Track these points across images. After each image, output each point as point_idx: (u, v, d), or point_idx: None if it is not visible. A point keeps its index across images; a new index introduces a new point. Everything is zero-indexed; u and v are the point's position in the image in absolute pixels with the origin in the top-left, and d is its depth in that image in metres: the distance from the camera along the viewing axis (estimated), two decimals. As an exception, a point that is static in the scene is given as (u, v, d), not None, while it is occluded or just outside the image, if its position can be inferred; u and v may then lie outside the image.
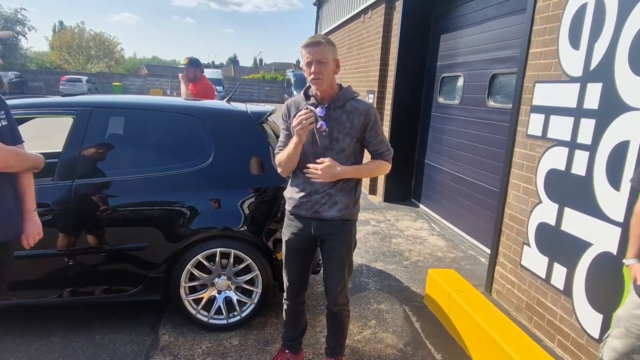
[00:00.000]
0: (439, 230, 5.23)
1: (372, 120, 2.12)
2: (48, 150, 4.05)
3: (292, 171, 2.20)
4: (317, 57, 1.98)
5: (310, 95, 2.15)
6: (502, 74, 4.31)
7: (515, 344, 2.43)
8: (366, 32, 7.48)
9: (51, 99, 3.13)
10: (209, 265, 2.77)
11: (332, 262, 2.23)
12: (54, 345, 2.65)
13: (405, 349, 2.81)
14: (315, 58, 1.98)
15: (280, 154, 2.18)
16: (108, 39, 52.19)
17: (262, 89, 37.86)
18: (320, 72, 2.00)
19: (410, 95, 6.15)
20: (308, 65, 2.01)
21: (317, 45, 1.99)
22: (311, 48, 1.99)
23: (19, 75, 29.86)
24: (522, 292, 3.11)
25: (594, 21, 2.55)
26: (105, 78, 34.70)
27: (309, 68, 2.01)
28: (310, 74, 2.01)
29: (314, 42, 2.00)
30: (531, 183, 3.04)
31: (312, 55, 1.98)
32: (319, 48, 1.99)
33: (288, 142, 2.16)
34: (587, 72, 2.59)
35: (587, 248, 2.53)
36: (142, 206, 2.72)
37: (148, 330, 2.86)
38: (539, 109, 2.99)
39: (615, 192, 2.35)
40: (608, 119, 2.41)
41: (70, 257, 2.65)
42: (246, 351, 2.68)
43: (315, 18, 12.81)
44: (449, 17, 5.50)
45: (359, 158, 2.19)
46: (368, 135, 2.13)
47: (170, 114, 2.98)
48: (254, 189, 2.82)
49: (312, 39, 2.02)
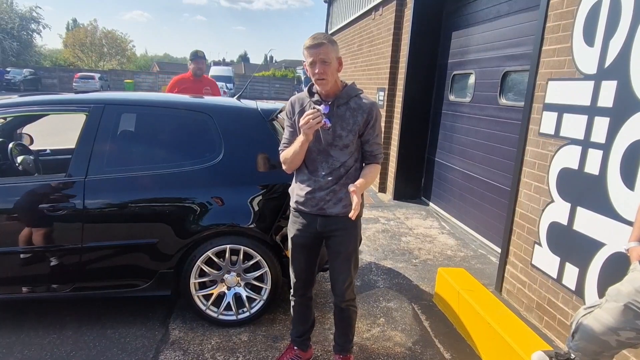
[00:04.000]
0: (449, 229, 5.20)
1: (374, 118, 2.14)
2: (61, 147, 4.13)
3: (297, 168, 2.20)
4: (321, 57, 1.98)
5: (314, 92, 2.15)
6: (515, 71, 4.26)
7: (526, 344, 2.41)
8: (377, 29, 7.45)
9: (64, 96, 3.17)
10: (218, 261, 2.78)
11: (339, 258, 2.23)
12: (66, 339, 2.69)
13: (414, 348, 2.80)
14: (319, 58, 1.98)
15: (286, 151, 2.18)
16: (120, 36, 52.71)
17: (272, 86, 37.95)
18: (325, 72, 2.00)
19: (421, 92, 6.11)
20: (312, 65, 2.01)
21: (320, 45, 1.99)
22: (314, 49, 1.98)
23: (33, 72, 30.34)
24: (533, 291, 3.08)
25: (610, 17, 2.51)
26: (117, 75, 35.05)
27: (313, 68, 2.00)
28: (315, 75, 2.01)
29: (316, 43, 1.99)
30: (543, 182, 3.00)
31: (315, 56, 1.98)
32: (322, 49, 1.98)
33: (292, 139, 2.16)
34: (601, 70, 2.55)
35: (600, 248, 2.49)
36: (153, 202, 2.75)
37: (158, 325, 2.89)
38: (551, 107, 2.96)
39: (630, 192, 2.31)
40: (623, 117, 2.37)
41: (82, 252, 2.68)
42: (255, 347, 2.70)
43: (326, 15, 12.78)
44: (461, 14, 5.45)
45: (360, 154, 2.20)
46: (367, 132, 2.14)
47: (181, 110, 3.00)
48: (264, 185, 2.83)
49: (314, 39, 2.00)
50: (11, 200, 2.64)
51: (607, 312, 1.74)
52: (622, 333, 1.69)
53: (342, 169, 2.14)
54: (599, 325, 1.76)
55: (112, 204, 2.72)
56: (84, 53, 49.34)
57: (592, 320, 1.80)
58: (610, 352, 1.79)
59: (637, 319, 1.66)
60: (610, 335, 1.72)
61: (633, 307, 1.65)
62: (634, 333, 1.67)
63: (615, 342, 1.72)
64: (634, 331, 1.67)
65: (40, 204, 2.64)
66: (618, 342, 1.72)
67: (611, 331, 1.72)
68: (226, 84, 28.40)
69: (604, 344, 1.76)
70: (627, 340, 1.70)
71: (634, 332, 1.67)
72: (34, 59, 39.99)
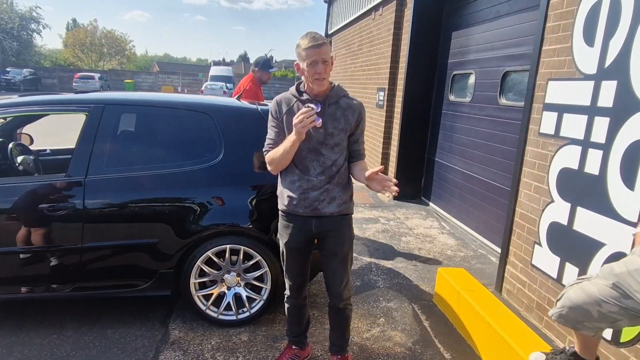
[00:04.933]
0: (449, 229, 5.20)
1: (363, 118, 2.20)
2: (61, 147, 4.13)
3: (283, 169, 2.18)
4: (322, 57, 2.00)
5: (302, 91, 2.15)
6: (515, 71, 4.26)
7: (526, 344, 2.41)
8: (377, 29, 7.45)
9: (64, 96, 3.17)
10: (218, 261, 2.78)
11: (335, 258, 2.22)
12: (66, 339, 2.69)
13: (414, 348, 2.80)
14: (321, 58, 1.99)
15: (273, 151, 2.15)
16: (120, 36, 52.71)
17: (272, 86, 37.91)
18: (326, 72, 2.02)
19: (421, 92, 6.11)
20: (313, 64, 2.00)
21: (322, 45, 2.00)
22: (316, 49, 1.99)
23: (33, 72, 30.35)
24: (533, 291, 3.08)
25: (610, 17, 2.51)
26: (117, 75, 35.07)
27: (314, 68, 2.00)
28: (316, 74, 2.01)
29: (319, 43, 2.00)
30: (543, 182, 3.00)
31: (317, 56, 1.99)
32: (323, 48, 2.00)
33: (279, 139, 2.15)
34: (601, 70, 2.55)
35: (600, 248, 2.49)
36: (153, 202, 2.75)
37: (158, 325, 2.89)
38: (551, 107, 2.96)
39: (630, 192, 2.31)
40: (623, 117, 2.37)
41: (82, 252, 2.68)
42: (255, 347, 2.70)
43: (326, 15, 12.79)
44: (461, 14, 5.45)
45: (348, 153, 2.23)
46: (357, 132, 2.19)
47: (181, 110, 3.00)
48: (264, 185, 2.83)
49: (315, 39, 2.00)
50: (11, 200, 2.64)
51: (594, 285, 1.75)
52: (605, 305, 1.70)
53: (333, 168, 2.14)
54: (583, 295, 1.77)
55: (112, 204, 2.72)
56: (84, 53, 49.35)
57: (577, 290, 1.81)
58: (591, 323, 1.78)
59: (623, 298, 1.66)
60: (593, 305, 1.73)
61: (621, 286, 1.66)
62: (616, 308, 1.68)
63: (597, 312, 1.73)
64: (617, 306, 1.67)
65: (40, 204, 2.64)
66: (599, 314, 1.72)
67: (594, 302, 1.73)
68: (226, 84, 28.45)
69: (585, 313, 1.77)
70: (609, 313, 1.70)
71: (617, 307, 1.68)
72: (34, 59, 40.00)
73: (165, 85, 33.19)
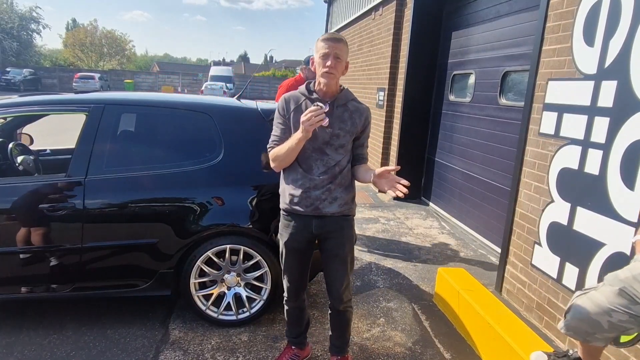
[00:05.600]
0: (449, 229, 5.20)
1: (369, 123, 2.22)
2: (61, 147, 4.13)
3: (287, 166, 2.17)
4: (336, 52, 2.01)
5: (312, 90, 2.15)
6: (515, 71, 4.26)
7: (526, 344, 2.41)
8: (377, 29, 7.45)
9: (64, 96, 3.17)
10: (218, 261, 2.78)
11: (336, 260, 2.22)
12: (66, 339, 2.69)
13: (414, 348, 2.80)
14: (334, 52, 2.00)
15: (278, 147, 2.13)
16: (120, 36, 52.70)
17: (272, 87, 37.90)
18: (335, 67, 2.02)
19: (421, 92, 6.12)
20: (324, 57, 2.01)
21: (339, 41, 2.04)
22: (332, 42, 2.02)
23: (33, 72, 30.34)
24: (533, 291, 3.08)
25: (610, 17, 2.51)
26: (117, 75, 35.07)
27: (325, 60, 2.00)
28: (325, 67, 2.01)
29: (335, 38, 2.05)
30: (543, 182, 3.00)
31: (331, 49, 2.00)
32: (339, 44, 2.03)
33: (284, 137, 2.14)
34: (601, 70, 2.55)
35: (600, 248, 2.49)
36: (153, 202, 2.74)
37: (158, 325, 2.89)
38: (551, 107, 2.96)
39: (630, 192, 2.31)
40: (623, 117, 2.37)
41: (82, 252, 2.68)
42: (255, 347, 2.70)
43: (326, 15, 12.79)
44: (461, 14, 5.45)
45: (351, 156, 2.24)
46: (363, 136, 2.21)
47: (181, 110, 2.99)
48: (264, 185, 2.83)
49: (333, 34, 2.09)
50: (11, 200, 2.64)
51: (601, 294, 1.74)
52: (614, 315, 1.69)
53: (336, 168, 2.14)
54: (592, 305, 1.76)
55: (112, 204, 2.72)
56: (83, 53, 49.32)
57: (585, 300, 1.80)
58: (602, 334, 1.77)
59: (631, 304, 1.66)
60: (602, 315, 1.72)
61: (628, 292, 1.65)
62: (626, 316, 1.67)
63: (607, 323, 1.71)
64: (626, 314, 1.67)
65: (40, 204, 2.64)
66: (610, 324, 1.71)
67: (604, 312, 1.72)
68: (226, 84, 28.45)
69: (595, 325, 1.75)
70: (619, 322, 1.69)
71: (626, 316, 1.67)
72: (33, 59, 39.98)
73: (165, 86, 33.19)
